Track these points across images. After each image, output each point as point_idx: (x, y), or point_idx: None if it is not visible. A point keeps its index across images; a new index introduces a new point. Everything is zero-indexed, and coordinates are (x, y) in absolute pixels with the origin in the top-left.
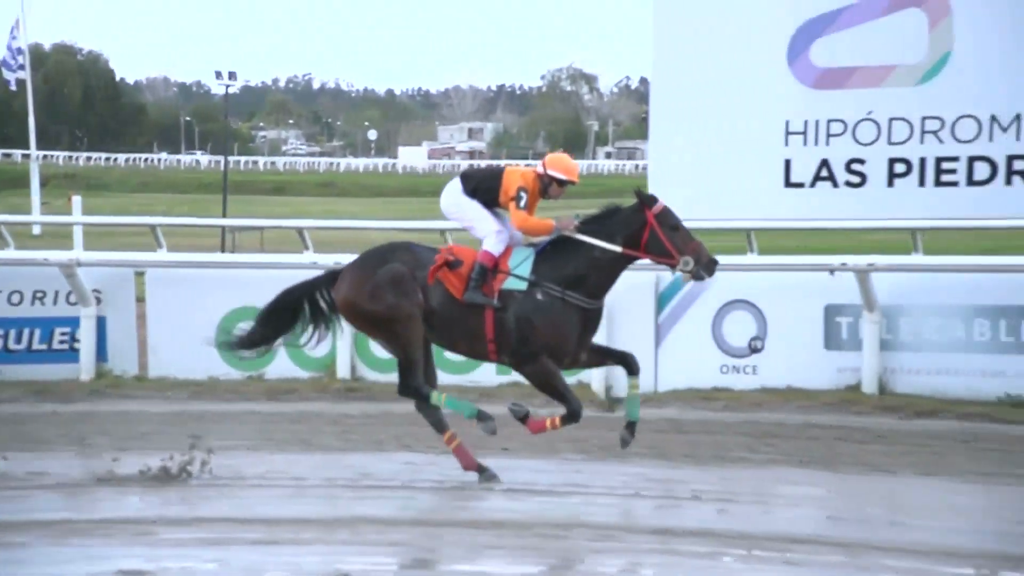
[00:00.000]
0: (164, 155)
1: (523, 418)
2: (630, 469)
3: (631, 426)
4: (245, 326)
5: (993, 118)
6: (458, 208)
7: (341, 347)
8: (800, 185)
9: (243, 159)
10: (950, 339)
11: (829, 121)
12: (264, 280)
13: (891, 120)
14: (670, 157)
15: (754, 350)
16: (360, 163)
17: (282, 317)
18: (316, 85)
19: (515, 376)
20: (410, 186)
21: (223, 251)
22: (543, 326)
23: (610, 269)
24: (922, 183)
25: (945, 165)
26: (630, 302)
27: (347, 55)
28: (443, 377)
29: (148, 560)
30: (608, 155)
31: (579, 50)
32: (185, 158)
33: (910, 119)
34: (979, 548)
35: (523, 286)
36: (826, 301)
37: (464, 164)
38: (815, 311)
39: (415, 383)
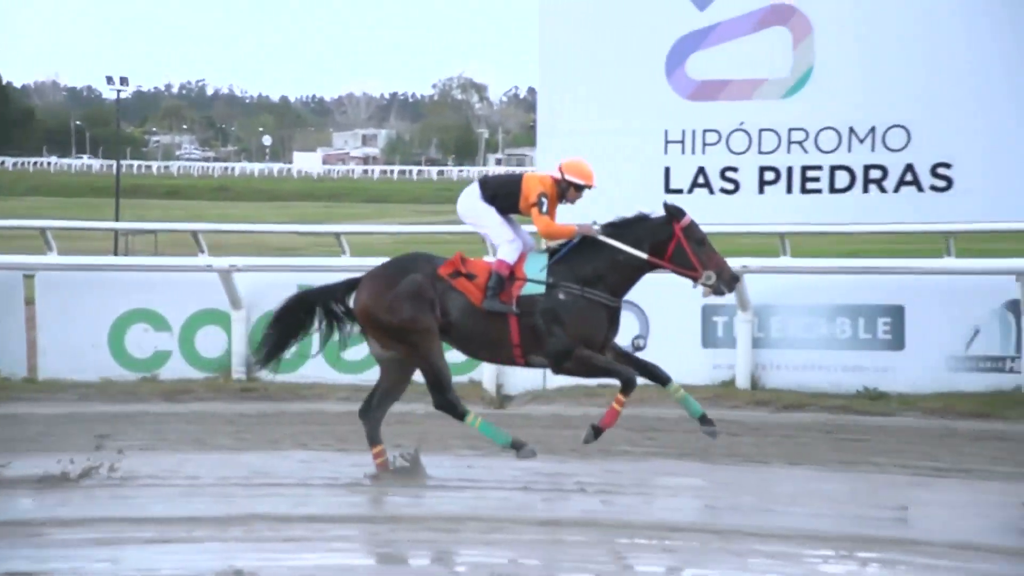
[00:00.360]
0: (54, 159)
1: (597, 433)
2: (519, 464)
3: (704, 419)
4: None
5: (851, 130)
6: (475, 214)
7: (236, 347)
8: (679, 191)
9: (136, 163)
10: (815, 336)
11: (705, 131)
12: (157, 282)
13: (761, 131)
14: (557, 164)
15: (637, 348)
16: (255, 168)
17: (295, 320)
18: (210, 91)
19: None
20: (305, 190)
21: (116, 254)
22: (571, 322)
23: (630, 273)
24: (789, 190)
25: (810, 174)
26: None
27: (240, 62)
28: (338, 377)
29: (36, 562)
30: (498, 162)
31: (469, 60)
32: (75, 162)
33: (778, 130)
34: (840, 531)
35: (542, 290)
36: (703, 301)
37: (359, 170)
38: (693, 311)
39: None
